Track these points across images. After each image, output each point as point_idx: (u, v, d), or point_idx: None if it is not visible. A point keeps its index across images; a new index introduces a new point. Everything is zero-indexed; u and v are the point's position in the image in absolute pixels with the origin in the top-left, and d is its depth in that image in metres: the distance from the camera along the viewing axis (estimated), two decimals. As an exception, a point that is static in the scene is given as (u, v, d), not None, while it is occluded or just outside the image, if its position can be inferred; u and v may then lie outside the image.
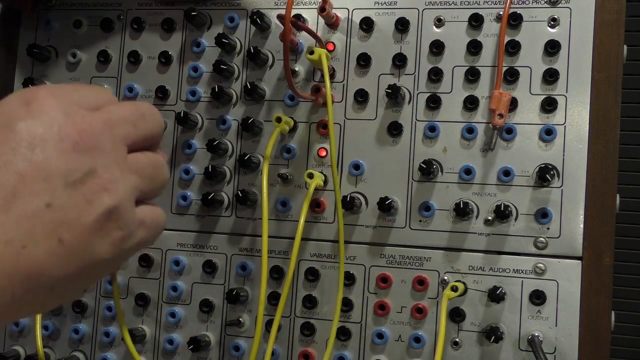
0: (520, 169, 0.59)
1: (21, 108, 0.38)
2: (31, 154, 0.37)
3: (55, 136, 0.37)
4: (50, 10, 0.71)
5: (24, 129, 0.37)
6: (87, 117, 0.39)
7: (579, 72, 0.59)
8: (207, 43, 0.66)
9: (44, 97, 0.39)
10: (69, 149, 0.38)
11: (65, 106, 0.39)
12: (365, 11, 0.63)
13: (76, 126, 0.38)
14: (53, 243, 0.37)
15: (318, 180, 0.61)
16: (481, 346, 0.59)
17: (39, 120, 0.37)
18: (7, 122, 0.37)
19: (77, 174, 0.38)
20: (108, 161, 0.39)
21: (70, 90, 0.41)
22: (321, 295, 0.62)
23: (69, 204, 0.37)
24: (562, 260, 0.58)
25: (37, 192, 0.36)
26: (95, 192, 0.38)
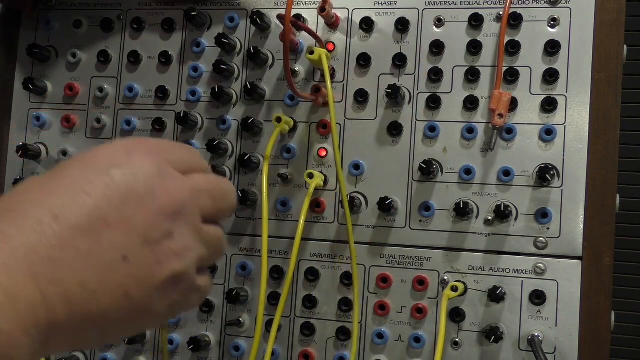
0: (520, 169, 0.59)
1: (123, 157, 0.40)
2: (122, 206, 0.38)
3: (147, 195, 0.40)
4: (50, 10, 0.71)
5: (122, 180, 0.39)
6: (177, 183, 0.42)
7: (579, 72, 0.59)
8: (207, 43, 0.66)
9: (145, 152, 0.41)
10: (156, 210, 0.40)
11: (161, 166, 0.41)
12: (365, 11, 0.63)
13: (167, 190, 0.41)
14: (120, 295, 0.38)
15: (318, 180, 0.61)
16: (481, 346, 0.59)
17: (136, 175, 0.40)
18: (108, 166, 0.39)
19: (157, 235, 0.40)
20: (185, 228, 0.41)
21: (168, 148, 0.44)
22: (321, 295, 0.62)
23: (143, 262, 0.39)
24: (562, 260, 0.58)
25: (118, 244, 0.38)
26: (168, 255, 0.40)
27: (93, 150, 0.41)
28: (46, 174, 0.40)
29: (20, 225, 0.36)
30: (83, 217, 0.37)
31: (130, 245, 0.39)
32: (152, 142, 0.43)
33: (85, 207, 0.37)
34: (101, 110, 0.68)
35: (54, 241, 0.36)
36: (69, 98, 0.69)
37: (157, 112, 0.67)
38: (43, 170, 0.69)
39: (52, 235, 0.36)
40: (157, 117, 0.66)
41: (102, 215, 0.38)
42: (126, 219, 0.39)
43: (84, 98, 0.69)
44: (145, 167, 0.40)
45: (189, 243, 0.42)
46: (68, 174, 0.39)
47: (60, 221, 0.36)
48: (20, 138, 0.70)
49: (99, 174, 0.39)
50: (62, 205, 0.37)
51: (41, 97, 0.70)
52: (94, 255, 0.37)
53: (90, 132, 0.68)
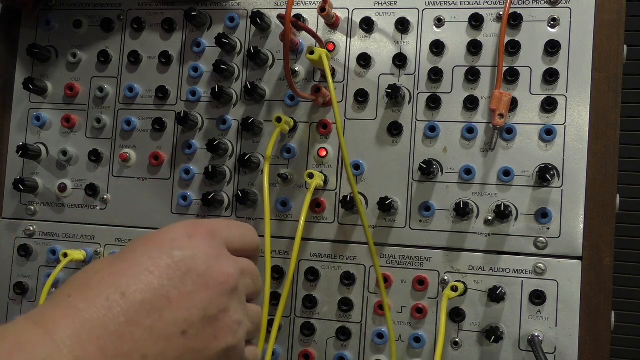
0: (520, 169, 0.59)
1: (184, 239, 0.44)
2: (182, 284, 0.42)
3: (206, 274, 0.43)
4: (51, 10, 0.71)
5: (182, 260, 0.43)
6: (232, 264, 0.45)
7: (579, 72, 0.59)
8: (207, 43, 0.66)
9: (204, 234, 0.45)
10: (214, 287, 0.43)
11: (218, 248, 0.46)
12: (365, 11, 0.63)
13: (223, 270, 0.44)
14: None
15: (318, 180, 0.61)
16: (481, 346, 0.59)
17: (195, 255, 0.43)
18: (170, 248, 0.43)
19: (215, 311, 0.43)
20: (237, 305, 0.45)
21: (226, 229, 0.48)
22: (321, 295, 0.62)
23: (201, 336, 0.43)
24: (562, 260, 0.58)
25: (178, 319, 0.42)
26: (224, 330, 0.44)
27: (157, 232, 0.45)
28: (116, 255, 0.44)
29: (92, 301, 0.39)
30: (147, 294, 0.41)
31: (190, 320, 0.42)
32: (212, 224, 0.47)
33: (149, 285, 0.41)
34: (101, 110, 0.68)
35: (121, 317, 0.39)
36: (69, 98, 0.69)
37: (157, 112, 0.67)
38: (43, 170, 0.69)
39: (119, 311, 0.39)
40: (157, 117, 0.66)
41: (164, 293, 0.41)
42: (186, 295, 0.42)
43: (84, 98, 0.69)
44: (204, 249, 0.44)
45: (241, 318, 0.45)
46: (133, 255, 0.43)
47: (127, 298, 0.40)
48: (20, 138, 0.70)
49: (162, 255, 0.43)
50: (128, 284, 0.41)
51: (41, 97, 0.70)
52: (156, 330, 0.41)
53: (90, 132, 0.68)
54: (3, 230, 0.69)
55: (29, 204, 0.69)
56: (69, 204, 0.68)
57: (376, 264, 0.60)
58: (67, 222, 0.68)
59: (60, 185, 0.68)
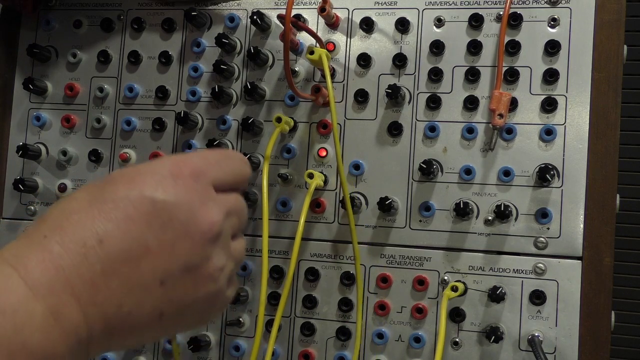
0: (520, 169, 0.59)
1: (168, 180, 0.41)
2: (163, 233, 0.40)
3: (188, 222, 0.41)
4: (51, 10, 0.71)
5: (164, 207, 0.40)
6: (217, 208, 0.43)
7: (579, 72, 0.59)
8: (207, 43, 0.66)
9: (190, 176, 0.42)
10: (196, 237, 0.41)
11: (204, 192, 0.43)
12: (365, 11, 0.63)
13: (207, 217, 0.42)
14: (155, 316, 0.41)
15: (318, 180, 0.61)
16: (481, 346, 0.59)
17: (179, 201, 0.41)
18: (153, 191, 0.41)
19: (196, 260, 0.42)
20: (220, 251, 0.44)
21: (215, 166, 0.45)
22: (321, 295, 0.62)
23: (179, 285, 0.41)
24: (562, 260, 0.58)
25: (156, 269, 0.40)
26: (204, 278, 0.42)
27: (141, 169, 0.42)
28: (96, 188, 0.41)
29: (67, 246, 0.38)
30: (125, 243, 0.39)
31: (169, 270, 0.40)
32: (200, 161, 0.44)
33: (128, 233, 0.39)
34: (101, 110, 0.68)
35: (97, 266, 0.38)
36: (69, 98, 0.69)
37: (157, 112, 0.67)
38: (43, 170, 0.69)
39: (95, 260, 0.38)
40: (157, 117, 0.66)
41: (143, 242, 0.39)
42: (167, 245, 0.40)
43: (84, 98, 0.69)
44: (189, 194, 0.42)
45: (222, 263, 0.44)
46: (114, 196, 0.40)
47: (104, 246, 0.38)
48: (20, 138, 0.70)
49: (143, 199, 0.40)
50: (106, 230, 0.39)
51: (41, 97, 0.70)
52: (133, 279, 0.39)
53: (91, 132, 0.68)
54: (3, 230, 0.69)
55: (29, 204, 0.69)
56: (69, 204, 0.68)
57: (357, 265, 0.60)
58: (67, 222, 0.68)
59: (60, 185, 0.68)
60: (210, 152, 0.48)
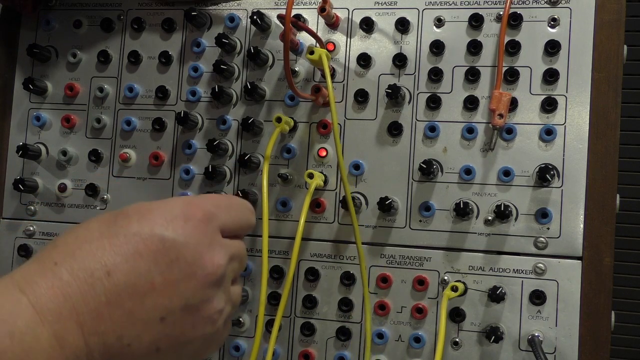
0: (520, 169, 0.59)
1: (179, 221, 0.43)
2: (169, 271, 0.42)
3: (194, 263, 0.43)
4: (51, 11, 0.71)
5: (173, 246, 0.42)
6: (222, 252, 0.45)
7: (579, 72, 0.59)
8: (207, 43, 0.66)
9: (200, 220, 0.44)
10: (200, 278, 0.43)
11: (212, 235, 0.45)
12: (365, 11, 0.63)
13: (212, 261, 0.44)
14: (152, 350, 0.42)
15: (318, 180, 0.61)
16: (481, 346, 0.59)
17: (187, 242, 0.43)
18: (163, 230, 0.42)
19: (197, 301, 0.43)
20: (221, 294, 0.45)
21: (224, 210, 0.47)
22: (321, 295, 0.62)
23: (178, 324, 0.43)
24: (562, 260, 0.58)
25: (158, 306, 0.42)
26: (203, 319, 0.44)
27: (154, 207, 0.44)
28: (109, 220, 0.43)
29: (76, 274, 0.39)
30: (132, 277, 0.41)
31: (170, 308, 0.42)
32: (211, 206, 0.46)
33: (135, 268, 0.41)
34: (101, 110, 0.68)
35: (102, 297, 0.40)
36: (69, 98, 0.69)
37: (157, 112, 0.67)
38: (43, 170, 0.69)
39: (101, 290, 0.40)
40: (157, 117, 0.66)
41: (149, 278, 0.41)
42: (171, 283, 0.42)
43: (84, 98, 0.69)
44: (197, 237, 0.43)
45: (222, 306, 0.45)
46: (126, 231, 0.42)
47: (111, 278, 0.40)
48: (20, 138, 0.70)
49: (153, 237, 0.42)
50: (115, 263, 0.40)
51: (41, 97, 0.70)
52: (135, 313, 0.41)
53: (90, 132, 0.68)
54: (3, 230, 0.69)
55: (29, 204, 0.69)
56: (69, 204, 0.68)
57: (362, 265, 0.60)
58: (67, 222, 0.68)
59: (60, 185, 0.68)
60: (222, 197, 0.51)
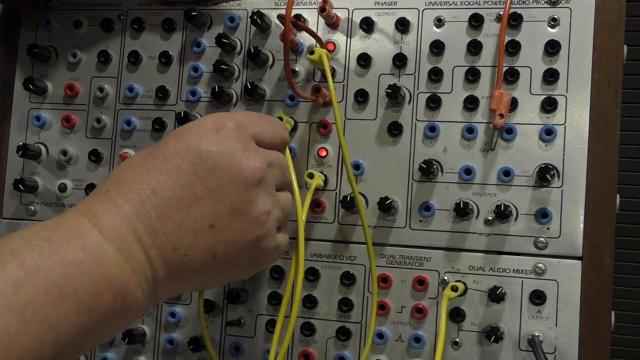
0: (520, 169, 0.59)
1: (212, 134, 0.46)
2: (209, 180, 0.45)
3: (232, 169, 0.45)
4: (51, 11, 0.71)
5: (209, 156, 0.45)
6: (258, 157, 0.47)
7: (579, 72, 0.59)
8: (207, 43, 0.66)
9: (232, 128, 0.47)
10: (240, 182, 0.46)
11: (245, 142, 0.47)
12: (366, 11, 0.63)
13: (249, 164, 0.46)
14: (208, 257, 0.45)
15: (318, 180, 0.61)
16: (481, 346, 0.59)
17: (222, 152, 0.46)
18: (197, 143, 0.46)
19: (240, 204, 0.46)
20: (265, 196, 0.47)
21: (254, 122, 0.49)
22: (321, 295, 0.62)
23: (229, 228, 0.46)
24: (562, 260, 0.58)
25: (205, 214, 0.45)
26: (251, 221, 0.46)
27: (188, 127, 0.47)
28: (150, 149, 0.47)
29: (127, 197, 0.43)
30: (175, 191, 0.44)
31: (217, 214, 0.45)
32: (241, 117, 0.49)
33: (177, 182, 0.44)
34: (101, 110, 0.68)
35: (152, 212, 0.43)
36: (69, 98, 0.69)
37: (157, 112, 0.67)
38: (43, 170, 0.69)
39: (151, 207, 0.43)
40: (157, 117, 0.66)
41: (192, 189, 0.44)
42: (213, 191, 0.45)
43: (84, 98, 0.69)
44: (231, 144, 0.46)
45: (268, 208, 0.48)
46: (165, 152, 0.45)
47: (157, 195, 0.43)
48: (20, 138, 0.70)
49: (189, 151, 0.45)
50: (158, 181, 0.44)
51: (41, 97, 0.70)
52: (185, 224, 0.44)
53: (91, 132, 0.68)
54: (3, 230, 0.69)
55: (29, 204, 0.69)
56: (69, 204, 0.68)
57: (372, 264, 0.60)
58: (67, 222, 0.68)
59: (60, 185, 0.68)
60: (253, 112, 0.53)
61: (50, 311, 0.37)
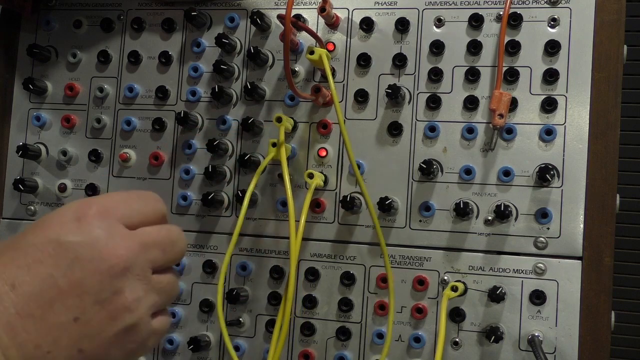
0: (520, 169, 0.59)
1: (72, 223, 0.43)
2: (71, 272, 0.42)
3: (94, 258, 0.43)
4: (51, 11, 0.71)
5: (70, 247, 0.42)
6: (125, 242, 0.44)
7: (579, 72, 0.59)
8: (207, 43, 0.66)
9: (93, 216, 0.44)
10: (104, 271, 0.43)
11: (110, 227, 0.44)
12: (365, 11, 0.63)
13: (114, 251, 0.43)
14: (74, 352, 0.42)
15: (318, 180, 0.61)
16: (481, 346, 0.59)
17: (83, 239, 0.43)
18: (57, 234, 0.43)
19: (107, 294, 0.43)
20: (135, 282, 0.44)
21: (121, 204, 0.46)
22: (321, 295, 0.62)
23: (94, 320, 0.43)
24: (562, 260, 0.58)
25: (69, 307, 0.42)
26: (119, 310, 0.43)
27: (46, 217, 0.44)
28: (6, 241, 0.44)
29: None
30: (36, 285, 0.41)
31: (82, 306, 0.42)
32: (104, 201, 0.46)
33: (37, 276, 0.41)
34: (101, 110, 0.68)
35: (11, 309, 0.40)
36: (69, 98, 0.69)
37: (157, 112, 0.67)
38: (43, 170, 0.69)
39: (9, 304, 0.40)
40: (157, 117, 0.66)
41: (53, 282, 0.41)
42: (76, 283, 0.42)
43: (84, 98, 0.69)
44: (93, 232, 0.43)
45: (140, 295, 0.44)
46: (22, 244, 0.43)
47: (16, 290, 0.40)
48: (20, 138, 0.70)
49: (50, 243, 0.42)
50: (17, 275, 0.41)
51: (41, 97, 0.70)
52: (47, 320, 0.41)
53: (90, 132, 0.68)
54: (3, 230, 0.69)
55: (29, 204, 0.69)
56: (69, 204, 0.68)
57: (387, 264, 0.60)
58: (67, 222, 0.68)
59: (60, 185, 0.68)
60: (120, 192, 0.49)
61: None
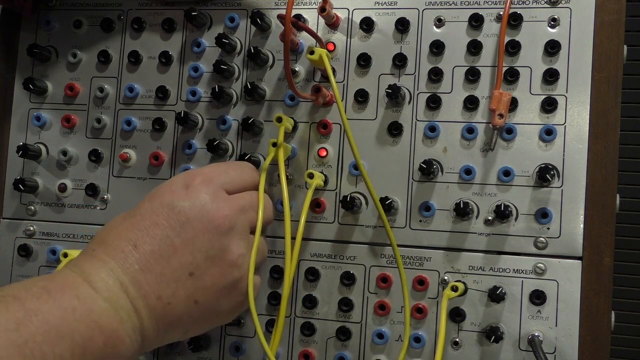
0: (520, 169, 0.59)
1: (182, 190, 0.51)
2: (184, 232, 0.49)
3: (203, 219, 0.50)
4: (51, 11, 0.71)
5: (181, 210, 0.50)
6: (228, 205, 0.51)
7: (579, 72, 0.59)
8: (207, 43, 0.66)
9: (200, 183, 0.52)
10: (212, 230, 0.50)
11: (214, 192, 0.51)
12: (366, 11, 0.63)
13: (219, 213, 0.51)
14: (190, 303, 0.49)
15: (318, 180, 0.61)
16: (481, 346, 0.59)
17: (193, 203, 0.50)
18: (170, 201, 0.50)
19: (215, 251, 0.50)
20: (239, 240, 0.52)
21: (221, 174, 0.54)
22: (321, 295, 0.62)
23: (207, 274, 0.50)
24: (562, 260, 0.58)
25: (184, 263, 0.49)
26: (227, 265, 0.51)
27: (160, 187, 0.53)
28: (128, 211, 0.52)
29: (111, 254, 0.48)
30: (154, 245, 0.48)
31: (195, 262, 0.49)
32: (206, 170, 0.53)
33: (155, 236, 0.49)
34: (101, 110, 0.68)
35: (135, 265, 0.48)
36: (69, 98, 0.69)
37: (157, 112, 0.67)
38: (43, 170, 0.69)
39: (133, 260, 0.48)
40: (157, 117, 0.66)
41: (169, 242, 0.49)
42: (189, 241, 0.49)
43: (84, 98, 0.69)
44: (200, 197, 0.51)
45: (243, 252, 0.52)
46: (141, 210, 0.51)
47: (138, 249, 0.48)
48: (21, 138, 0.70)
49: (163, 207, 0.50)
50: (137, 237, 0.49)
51: (41, 97, 0.70)
52: (166, 274, 0.48)
53: (91, 132, 0.68)
54: (3, 230, 0.69)
55: (29, 204, 0.69)
56: (69, 204, 0.68)
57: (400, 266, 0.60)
58: (67, 222, 0.68)
59: (60, 185, 0.68)
60: (218, 163, 0.58)
61: (48, 350, 0.41)
